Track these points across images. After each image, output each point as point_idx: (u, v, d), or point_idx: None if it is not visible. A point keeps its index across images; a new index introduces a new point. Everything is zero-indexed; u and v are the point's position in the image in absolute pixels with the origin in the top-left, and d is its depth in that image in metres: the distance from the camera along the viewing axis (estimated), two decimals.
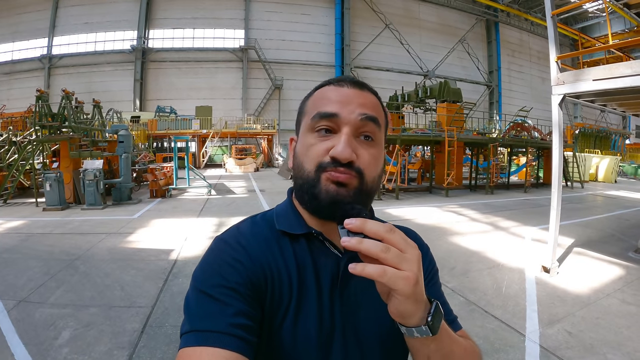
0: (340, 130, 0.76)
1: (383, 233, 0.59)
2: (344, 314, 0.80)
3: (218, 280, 0.72)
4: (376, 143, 0.80)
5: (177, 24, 36.15)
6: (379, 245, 0.58)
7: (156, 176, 14.40)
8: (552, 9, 5.56)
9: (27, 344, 3.57)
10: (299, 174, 0.80)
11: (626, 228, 9.25)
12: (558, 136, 5.75)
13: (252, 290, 0.73)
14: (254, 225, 0.85)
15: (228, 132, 31.47)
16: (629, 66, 4.70)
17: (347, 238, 0.59)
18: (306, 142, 0.79)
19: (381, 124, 0.81)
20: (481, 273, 5.94)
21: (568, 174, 19.94)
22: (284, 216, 0.86)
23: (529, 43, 46.74)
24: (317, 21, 37.61)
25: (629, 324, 4.19)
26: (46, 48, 35.14)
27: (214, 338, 0.65)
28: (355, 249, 0.58)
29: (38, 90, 13.20)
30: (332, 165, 0.74)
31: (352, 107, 0.77)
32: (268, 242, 0.81)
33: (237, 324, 0.67)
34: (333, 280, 0.80)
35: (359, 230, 0.59)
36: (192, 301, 0.72)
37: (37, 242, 7.39)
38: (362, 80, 3.11)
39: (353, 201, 0.74)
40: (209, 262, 0.76)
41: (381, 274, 0.57)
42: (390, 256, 0.58)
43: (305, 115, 0.83)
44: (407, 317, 0.63)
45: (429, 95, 20.45)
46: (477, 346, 0.87)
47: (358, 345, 0.80)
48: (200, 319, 0.68)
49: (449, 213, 11.33)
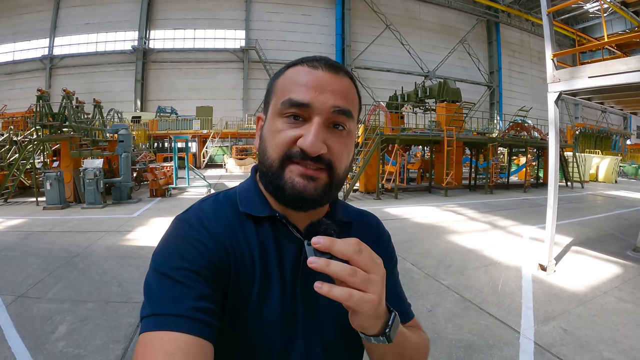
0: (311, 119, 0.73)
1: (351, 254, 0.60)
2: (305, 297, 0.80)
3: (180, 263, 0.69)
4: (347, 132, 0.77)
5: (177, 25, 36.19)
6: (347, 268, 0.58)
7: (156, 176, 14.42)
8: (547, 7, 5.57)
9: (24, 338, 3.60)
10: (263, 159, 0.78)
11: (625, 227, 9.24)
12: (554, 134, 5.76)
13: (214, 273, 0.71)
14: (216, 204, 0.83)
15: (228, 133, 31.53)
16: (624, 63, 4.70)
17: (315, 258, 0.58)
18: (274, 127, 0.76)
19: (354, 114, 0.78)
20: (477, 271, 5.94)
21: (568, 174, 19.92)
22: (248, 197, 0.84)
23: (529, 44, 46.66)
24: (317, 22, 37.63)
25: (625, 322, 4.19)
26: (47, 48, 35.19)
27: (175, 322, 0.63)
28: (322, 271, 0.58)
29: (39, 90, 13.26)
30: (299, 157, 0.72)
31: (326, 96, 0.73)
32: (231, 223, 0.79)
33: (199, 307, 0.66)
34: (295, 263, 0.81)
35: (326, 250, 0.59)
36: (152, 284, 0.69)
37: (37, 240, 7.41)
38: (362, 80, 3.10)
39: (320, 196, 0.74)
40: (170, 243, 0.74)
41: (347, 298, 0.58)
42: (357, 280, 0.59)
43: (275, 96, 0.78)
44: (367, 329, 0.66)
45: (429, 95, 20.45)
46: (425, 336, 0.90)
47: (319, 327, 0.81)
48: (161, 302, 0.66)
49: (448, 212, 11.34)
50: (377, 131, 14.62)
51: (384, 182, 15.38)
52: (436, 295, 4.96)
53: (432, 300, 4.76)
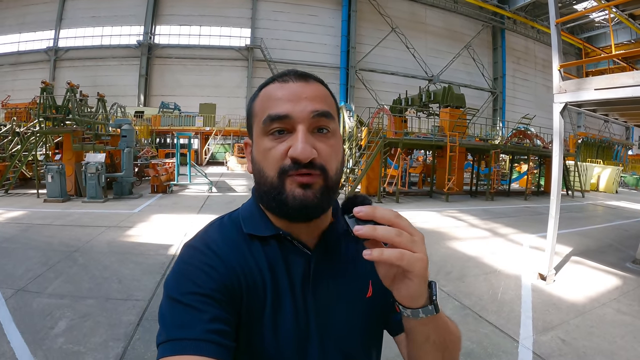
0: (295, 129, 0.74)
1: (393, 218, 0.62)
2: (317, 310, 0.81)
3: (191, 288, 0.71)
4: (332, 134, 0.79)
5: (184, 21, 36.15)
6: (393, 230, 0.60)
7: (158, 172, 14.45)
8: (556, 17, 5.57)
9: (23, 333, 3.60)
10: (262, 180, 0.78)
11: (625, 238, 9.23)
12: (559, 144, 5.76)
13: (226, 296, 0.73)
14: (222, 228, 0.85)
15: (231, 130, 31.52)
16: (631, 76, 4.71)
17: (360, 227, 0.60)
18: (262, 147, 0.77)
19: (334, 115, 0.80)
20: (477, 278, 5.95)
21: (569, 183, 19.91)
22: (250, 218, 0.85)
23: (534, 51, 46.62)
24: (323, 22, 37.60)
25: (623, 334, 4.19)
26: (52, 40, 35.11)
27: (191, 346, 0.64)
28: (369, 236, 0.60)
29: (43, 82, 13.25)
30: (294, 168, 0.73)
31: (303, 104, 0.75)
32: (238, 245, 0.81)
33: (213, 329, 0.67)
34: (304, 278, 0.82)
35: (369, 217, 0.61)
36: (166, 310, 0.71)
37: (37, 233, 7.43)
38: (366, 82, 3.11)
39: (320, 200, 0.76)
40: (180, 270, 0.75)
41: (400, 258, 0.59)
42: (404, 240, 0.61)
43: (255, 118, 0.81)
44: (416, 298, 0.66)
45: (433, 99, 20.45)
46: (457, 326, 0.90)
47: (333, 337, 0.82)
48: (175, 327, 0.67)
49: (449, 218, 11.34)
50: (380, 134, 14.63)
51: (385, 186, 15.37)
52: None
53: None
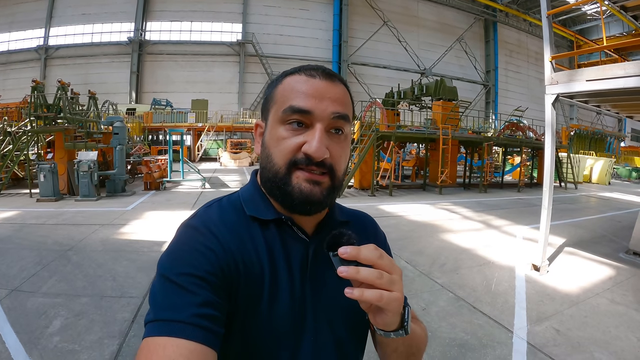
0: (313, 126, 0.76)
1: (375, 259, 0.64)
2: (313, 295, 0.83)
3: (187, 269, 0.70)
4: (345, 136, 0.82)
5: (174, 17, 35.93)
6: (374, 272, 0.63)
7: (150, 169, 14.39)
8: (547, 9, 5.58)
9: (18, 332, 3.58)
10: (268, 166, 0.80)
11: (618, 229, 9.31)
12: (550, 136, 5.79)
13: (221, 280, 0.72)
14: (221, 210, 0.84)
15: (224, 126, 31.40)
16: (622, 67, 4.73)
17: (344, 268, 0.62)
18: (276, 134, 0.79)
19: (350, 118, 0.82)
20: (471, 270, 5.98)
21: (562, 175, 20.02)
22: (251, 201, 0.86)
23: (526, 44, 46.77)
24: (315, 17, 37.51)
25: (616, 324, 4.23)
26: (43, 39, 34.85)
27: (178, 328, 0.64)
28: (353, 279, 0.63)
29: (34, 80, 13.10)
30: (304, 163, 0.76)
31: (325, 103, 0.77)
32: (238, 228, 0.81)
33: (203, 314, 0.66)
34: (302, 264, 0.83)
35: (353, 259, 0.63)
36: (158, 289, 0.70)
37: (31, 233, 7.37)
38: (358, 76, 3.14)
39: (325, 198, 0.78)
40: (176, 250, 0.75)
41: (379, 299, 0.63)
42: (384, 282, 0.64)
43: (275, 104, 0.82)
44: (389, 325, 0.70)
45: (425, 93, 20.44)
46: (424, 326, 0.94)
47: (328, 323, 0.84)
48: (165, 308, 0.67)
49: (442, 210, 11.38)
50: (372, 128, 14.63)
51: (378, 179, 15.41)
52: (430, 293, 4.99)
53: (426, 299, 4.79)
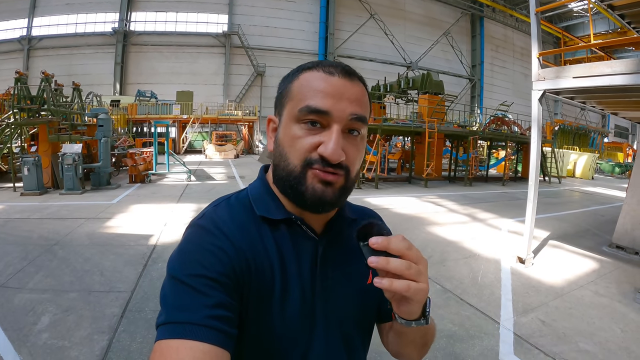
0: (330, 127, 0.75)
1: (404, 251, 0.65)
2: (323, 294, 0.83)
3: (198, 270, 0.69)
4: (361, 137, 0.80)
5: (160, 7, 35.24)
6: (404, 263, 0.64)
7: (135, 161, 14.20)
8: (536, 6, 5.64)
9: (6, 330, 3.53)
10: (282, 164, 0.79)
11: (601, 223, 9.50)
12: (537, 131, 5.87)
13: (233, 280, 0.71)
14: (230, 209, 0.83)
15: (209, 118, 31.13)
16: (609, 65, 4.81)
17: (375, 258, 0.64)
18: (291, 133, 0.77)
19: (367, 120, 0.81)
20: (457, 262, 6.06)
21: (546, 169, 20.30)
22: (262, 200, 0.85)
23: (512, 39, 47.13)
24: (301, 8, 37.23)
25: (600, 315, 4.35)
26: (26, 29, 33.83)
27: (191, 330, 0.63)
28: (384, 269, 0.64)
29: (17, 72, 12.86)
30: (320, 164, 0.74)
31: (344, 104, 0.75)
32: (248, 228, 0.80)
33: (216, 315, 0.66)
34: (312, 262, 0.83)
35: (384, 249, 0.65)
36: (169, 291, 0.69)
37: (15, 228, 7.21)
38: None
39: (338, 198, 0.78)
40: (187, 250, 0.74)
41: (407, 289, 0.64)
42: (413, 273, 0.65)
43: (291, 100, 0.79)
44: (412, 314, 0.71)
45: (411, 86, 20.56)
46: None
47: (337, 319, 0.85)
48: (177, 310, 0.66)
49: (428, 203, 11.48)
50: None
51: (364, 172, 15.47)
52: None
53: None
